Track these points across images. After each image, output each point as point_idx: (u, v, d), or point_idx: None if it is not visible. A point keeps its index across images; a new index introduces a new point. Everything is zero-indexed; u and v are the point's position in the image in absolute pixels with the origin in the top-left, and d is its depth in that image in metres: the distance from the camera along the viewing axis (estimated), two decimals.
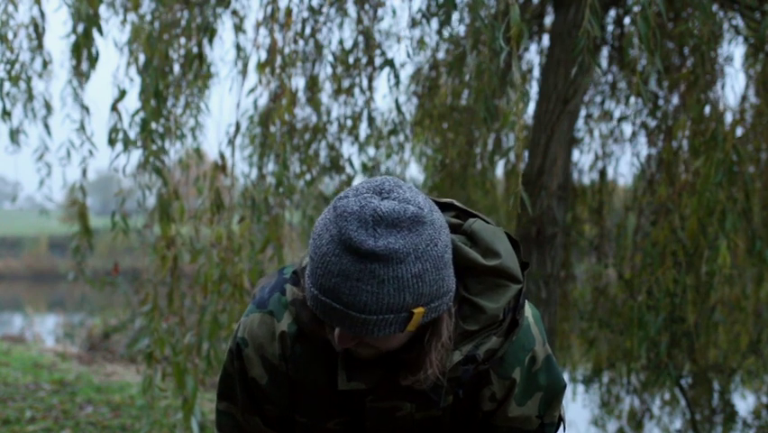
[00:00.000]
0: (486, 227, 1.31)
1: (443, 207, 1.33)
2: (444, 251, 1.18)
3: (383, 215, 1.13)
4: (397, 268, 1.12)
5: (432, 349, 1.22)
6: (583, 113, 5.65)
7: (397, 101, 4.23)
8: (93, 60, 3.60)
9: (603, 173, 5.70)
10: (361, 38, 4.38)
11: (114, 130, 3.61)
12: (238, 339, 1.40)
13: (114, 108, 3.65)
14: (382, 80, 17.99)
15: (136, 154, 3.73)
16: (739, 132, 4.41)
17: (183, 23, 3.79)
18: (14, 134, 4.16)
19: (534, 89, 5.23)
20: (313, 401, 1.38)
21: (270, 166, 3.98)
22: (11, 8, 3.77)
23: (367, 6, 4.43)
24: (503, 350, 1.32)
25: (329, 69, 4.47)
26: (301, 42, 4.24)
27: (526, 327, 1.38)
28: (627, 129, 5.93)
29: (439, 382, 1.27)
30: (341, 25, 4.42)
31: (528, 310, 1.40)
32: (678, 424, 5.50)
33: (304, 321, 1.31)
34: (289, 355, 1.36)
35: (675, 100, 4.81)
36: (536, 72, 5.29)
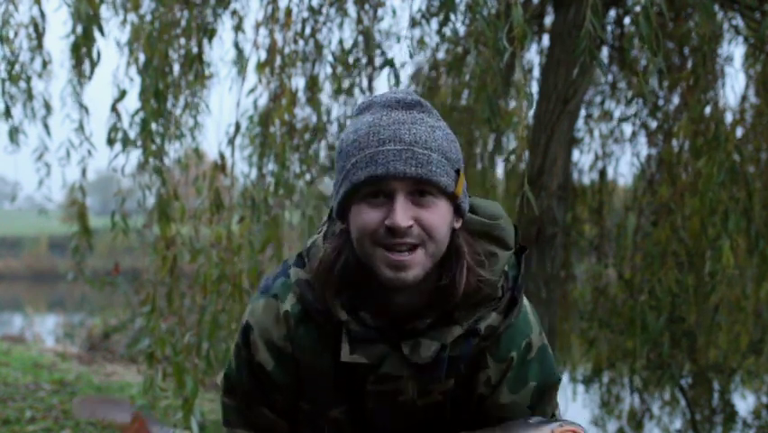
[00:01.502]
0: (485, 201, 1.39)
1: None
2: None
3: (411, 98, 1.28)
4: (438, 120, 1.28)
5: (460, 270, 1.28)
6: (583, 113, 5.64)
7: None
8: (94, 61, 3.60)
9: (603, 173, 5.69)
10: (361, 38, 4.38)
11: (113, 130, 3.61)
12: (245, 326, 1.41)
13: (114, 108, 3.65)
14: (382, 80, 18.01)
15: (135, 154, 3.74)
16: (740, 132, 4.41)
17: (183, 23, 3.79)
18: (14, 134, 4.15)
19: (534, 89, 5.23)
20: (317, 385, 1.39)
21: (270, 166, 3.98)
22: (11, 8, 3.77)
23: (367, 6, 4.43)
24: (503, 327, 1.34)
25: (329, 69, 4.46)
26: (301, 42, 4.24)
27: (524, 314, 1.39)
28: (627, 129, 5.92)
29: (445, 344, 1.30)
30: (341, 25, 4.42)
31: (526, 302, 1.42)
32: (678, 424, 5.50)
33: (308, 300, 1.34)
34: (294, 336, 1.37)
35: (675, 100, 4.81)
36: (536, 72, 5.29)
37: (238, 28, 3.94)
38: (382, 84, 20.92)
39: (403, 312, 1.31)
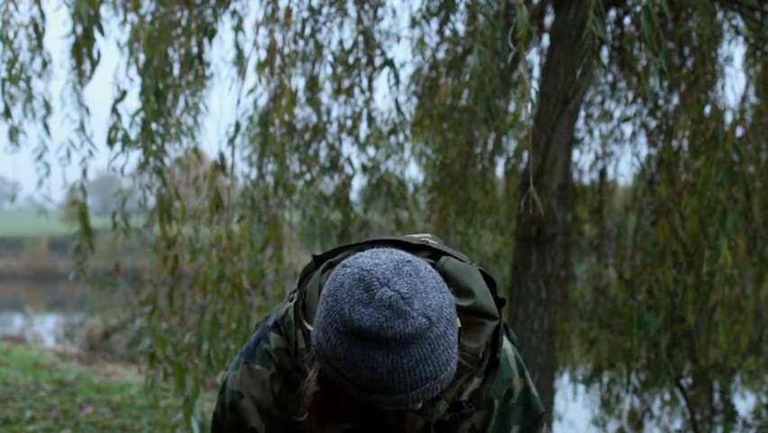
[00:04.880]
0: (459, 267, 1.31)
1: (417, 249, 1.34)
2: (452, 308, 1.20)
3: (406, 297, 1.13)
4: (433, 330, 1.13)
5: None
6: (583, 113, 5.65)
7: (397, 101, 4.23)
8: (94, 61, 3.60)
9: (603, 173, 5.70)
10: (361, 38, 4.38)
11: (113, 130, 3.61)
12: (233, 393, 1.41)
13: (114, 108, 3.66)
14: (382, 80, 18.00)
15: (135, 154, 3.74)
16: (739, 132, 4.41)
17: (183, 22, 3.79)
18: (14, 134, 4.15)
19: (534, 89, 5.22)
20: None
21: (270, 166, 3.98)
22: (11, 8, 3.77)
23: (367, 6, 4.43)
24: (485, 389, 1.34)
25: (329, 69, 4.47)
26: (301, 42, 4.24)
27: (504, 360, 1.39)
28: (627, 129, 5.93)
29: (429, 420, 1.29)
30: (341, 25, 4.42)
31: (506, 343, 1.41)
32: (678, 424, 5.50)
33: (289, 370, 1.34)
34: (279, 401, 1.38)
35: (675, 100, 4.80)
36: (536, 72, 5.29)
37: (238, 28, 3.95)
38: (382, 84, 20.91)
39: None
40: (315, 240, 4.51)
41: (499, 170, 5.86)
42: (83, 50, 3.60)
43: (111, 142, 3.61)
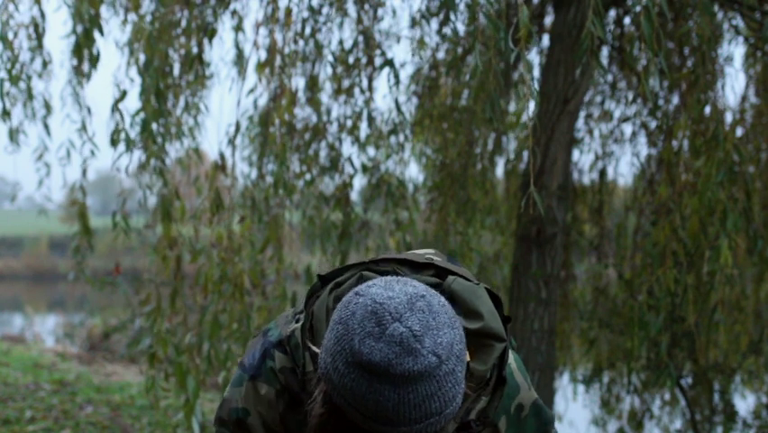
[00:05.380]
0: (466, 286, 1.30)
1: (422, 267, 1.33)
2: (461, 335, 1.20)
3: (417, 334, 1.12)
4: (442, 368, 1.13)
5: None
6: (583, 113, 5.65)
7: (397, 101, 4.23)
8: (94, 61, 3.60)
9: (603, 173, 5.70)
10: (361, 38, 4.38)
11: (116, 131, 3.61)
12: (238, 409, 1.40)
13: (115, 109, 3.66)
14: (382, 80, 18.01)
15: (137, 154, 3.74)
16: (739, 132, 4.41)
17: (183, 23, 3.79)
18: (14, 134, 4.15)
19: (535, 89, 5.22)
20: None
21: (270, 166, 3.98)
22: (11, 8, 3.77)
23: (367, 6, 4.42)
24: (492, 408, 1.34)
25: (329, 69, 4.46)
26: (301, 42, 4.24)
27: (510, 375, 1.40)
28: (627, 129, 5.94)
29: None
30: (341, 25, 4.42)
31: (510, 357, 1.41)
32: (678, 424, 5.50)
33: (294, 390, 1.34)
34: (284, 417, 1.38)
35: (675, 100, 4.81)
36: (536, 72, 5.29)
37: (238, 28, 3.95)
38: (382, 84, 20.91)
39: None
40: (315, 240, 4.51)
41: (499, 170, 5.87)
42: (83, 50, 3.60)
43: (114, 142, 3.61)
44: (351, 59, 4.40)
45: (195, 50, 3.82)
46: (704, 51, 3.56)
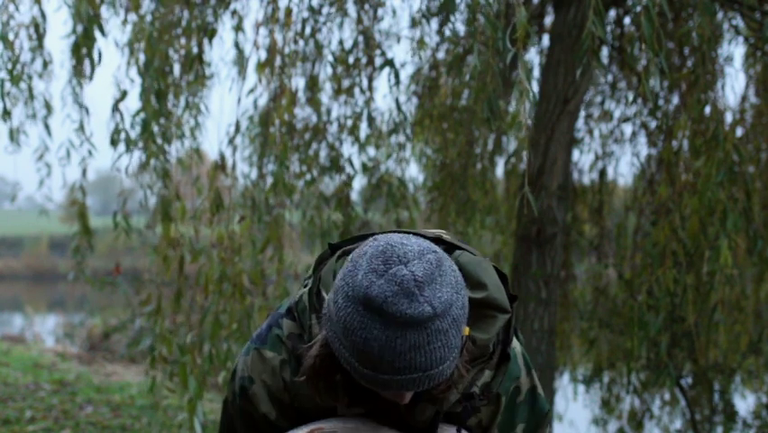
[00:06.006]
0: (472, 260, 1.32)
1: (432, 241, 1.33)
2: (462, 285, 1.21)
3: (419, 280, 1.13)
4: (435, 322, 1.13)
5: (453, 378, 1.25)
6: (583, 113, 5.65)
7: (397, 101, 4.23)
8: (94, 61, 3.60)
9: (603, 173, 5.70)
10: (361, 38, 4.38)
11: (116, 131, 3.61)
12: (243, 378, 1.41)
13: (115, 109, 3.66)
14: (382, 80, 18.00)
15: (137, 154, 3.74)
16: (739, 132, 4.41)
17: (183, 23, 3.79)
18: (15, 134, 4.16)
19: (534, 89, 5.22)
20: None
21: (270, 166, 3.98)
22: (12, 8, 3.77)
23: (367, 6, 4.43)
24: (496, 383, 1.35)
25: (329, 69, 4.47)
26: (301, 42, 4.24)
27: (513, 357, 1.40)
28: (627, 129, 5.93)
29: (440, 410, 1.31)
30: (341, 25, 4.42)
31: (515, 342, 1.42)
32: (678, 424, 5.50)
33: (301, 355, 1.34)
34: (290, 387, 1.38)
35: (675, 100, 4.81)
36: (536, 72, 5.29)
37: (238, 28, 3.95)
38: (382, 84, 20.91)
39: None
40: (315, 240, 4.51)
41: (499, 170, 5.87)
42: (83, 50, 3.60)
43: (114, 142, 3.61)
44: (351, 59, 4.40)
45: (195, 50, 3.82)
46: (704, 51, 3.56)
